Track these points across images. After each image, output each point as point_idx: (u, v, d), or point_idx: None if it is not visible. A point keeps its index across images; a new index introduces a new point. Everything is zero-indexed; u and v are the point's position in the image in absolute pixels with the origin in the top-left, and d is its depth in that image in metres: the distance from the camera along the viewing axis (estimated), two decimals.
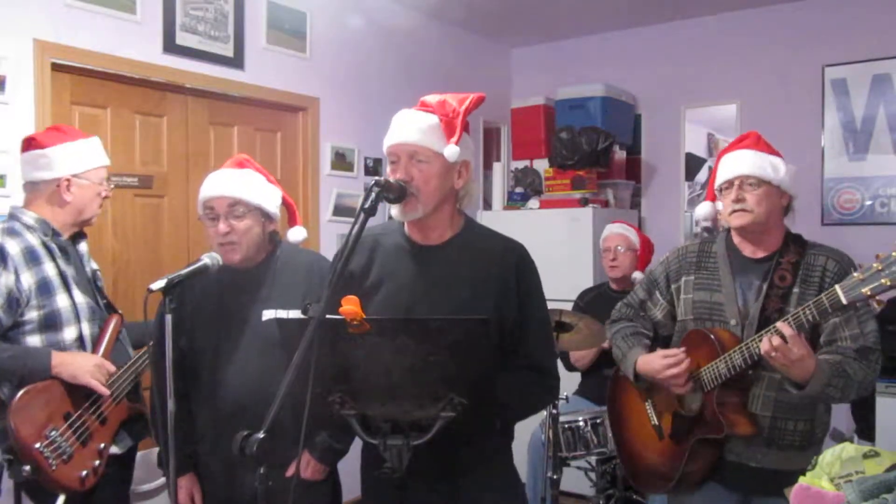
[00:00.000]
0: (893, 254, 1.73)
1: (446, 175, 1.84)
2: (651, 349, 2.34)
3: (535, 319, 1.90)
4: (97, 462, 2.20)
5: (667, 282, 2.35)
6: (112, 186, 2.47)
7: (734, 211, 2.15)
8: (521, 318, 1.87)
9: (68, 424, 2.15)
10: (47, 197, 2.30)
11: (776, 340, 1.90)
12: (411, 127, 1.83)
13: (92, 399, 2.21)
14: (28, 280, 2.16)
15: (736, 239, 2.24)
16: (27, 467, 2.06)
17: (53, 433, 2.10)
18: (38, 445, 2.06)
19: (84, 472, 2.15)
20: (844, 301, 1.82)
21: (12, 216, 2.28)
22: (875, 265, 1.75)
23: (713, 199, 2.30)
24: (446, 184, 1.85)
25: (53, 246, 2.26)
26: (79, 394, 2.18)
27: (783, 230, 2.21)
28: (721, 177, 2.21)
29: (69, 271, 2.27)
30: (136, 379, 2.36)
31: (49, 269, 2.22)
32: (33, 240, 2.22)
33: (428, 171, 1.82)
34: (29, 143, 2.32)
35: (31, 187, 2.32)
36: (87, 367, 2.17)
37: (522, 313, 1.87)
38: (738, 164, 2.17)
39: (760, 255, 2.19)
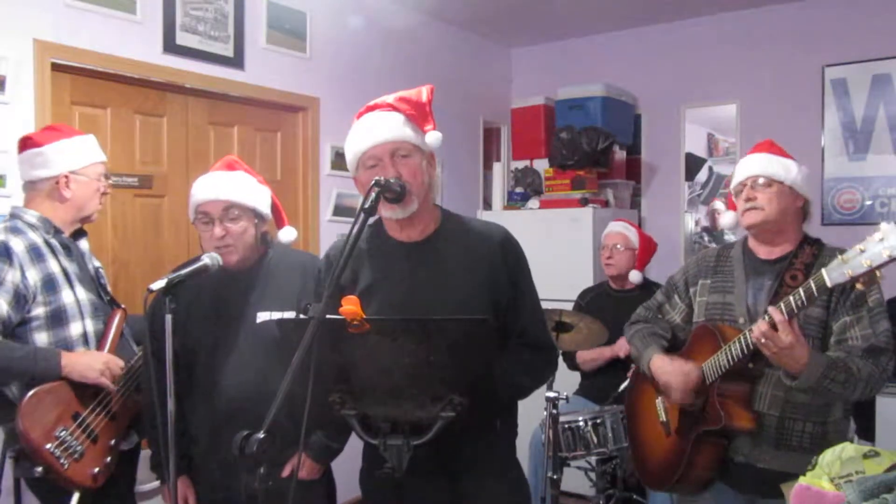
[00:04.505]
0: (875, 235, 1.74)
1: (426, 167, 1.88)
2: (668, 351, 2.37)
3: (526, 296, 1.94)
4: (108, 458, 2.22)
5: (685, 286, 2.40)
6: (110, 182, 2.48)
7: (746, 210, 2.19)
8: (517, 296, 1.90)
9: (78, 424, 2.16)
10: (47, 195, 2.30)
11: (764, 326, 1.92)
12: (382, 126, 1.84)
13: (100, 398, 2.23)
14: (34, 277, 2.17)
15: (751, 242, 2.28)
16: (39, 468, 2.07)
17: (63, 433, 2.11)
18: (48, 446, 2.07)
19: (96, 469, 2.17)
20: (829, 283, 1.83)
21: (14, 215, 2.29)
22: (858, 247, 1.77)
23: (735, 208, 2.32)
24: (427, 175, 1.87)
25: (55, 243, 2.27)
26: (86, 392, 2.19)
27: (800, 233, 2.24)
28: (734, 180, 2.27)
29: (72, 268, 2.28)
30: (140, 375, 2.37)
31: (53, 265, 2.22)
32: (36, 238, 2.23)
33: (413, 164, 1.83)
34: (25, 143, 2.33)
35: (31, 186, 2.33)
36: (96, 366, 2.18)
37: (517, 292, 1.91)
38: (749, 166, 2.23)
39: (775, 256, 2.21)
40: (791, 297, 1.92)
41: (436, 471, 1.82)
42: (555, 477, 3.06)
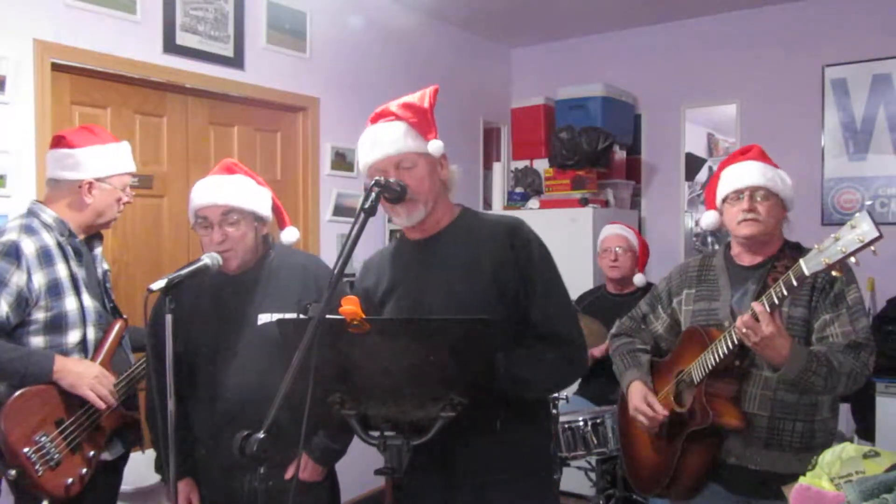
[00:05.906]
0: (848, 224, 1.78)
1: (434, 172, 1.90)
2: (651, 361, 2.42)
3: (544, 286, 1.88)
4: (84, 470, 2.17)
5: (668, 296, 2.42)
6: (134, 194, 2.46)
7: (746, 220, 2.19)
8: (528, 287, 1.86)
9: (59, 431, 2.12)
10: (68, 197, 2.28)
11: (746, 317, 1.94)
12: (385, 140, 1.86)
13: (87, 406, 2.19)
14: (39, 280, 2.15)
15: (735, 249, 2.30)
16: (13, 471, 2.04)
17: (43, 438, 2.08)
18: (26, 450, 2.04)
19: (70, 480, 2.12)
20: (807, 272, 1.85)
21: (32, 212, 2.26)
22: (834, 236, 1.80)
23: (715, 208, 2.32)
24: (437, 179, 1.90)
25: (68, 248, 2.25)
26: (74, 399, 2.16)
27: (782, 239, 2.27)
28: (729, 186, 2.23)
29: (80, 274, 2.26)
30: (135, 387, 2.34)
31: (61, 270, 2.20)
32: (49, 239, 2.21)
33: (418, 173, 1.86)
34: (58, 141, 2.31)
35: (54, 185, 2.31)
36: (87, 378, 2.15)
37: (527, 282, 1.87)
38: (748, 175, 2.21)
39: (757, 262, 2.24)
40: (772, 290, 1.94)
41: (434, 470, 1.82)
42: (555, 477, 3.06)
